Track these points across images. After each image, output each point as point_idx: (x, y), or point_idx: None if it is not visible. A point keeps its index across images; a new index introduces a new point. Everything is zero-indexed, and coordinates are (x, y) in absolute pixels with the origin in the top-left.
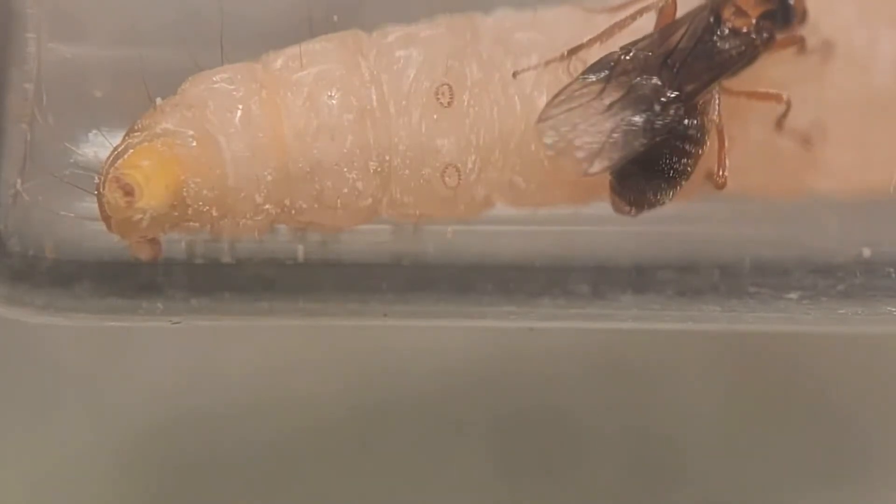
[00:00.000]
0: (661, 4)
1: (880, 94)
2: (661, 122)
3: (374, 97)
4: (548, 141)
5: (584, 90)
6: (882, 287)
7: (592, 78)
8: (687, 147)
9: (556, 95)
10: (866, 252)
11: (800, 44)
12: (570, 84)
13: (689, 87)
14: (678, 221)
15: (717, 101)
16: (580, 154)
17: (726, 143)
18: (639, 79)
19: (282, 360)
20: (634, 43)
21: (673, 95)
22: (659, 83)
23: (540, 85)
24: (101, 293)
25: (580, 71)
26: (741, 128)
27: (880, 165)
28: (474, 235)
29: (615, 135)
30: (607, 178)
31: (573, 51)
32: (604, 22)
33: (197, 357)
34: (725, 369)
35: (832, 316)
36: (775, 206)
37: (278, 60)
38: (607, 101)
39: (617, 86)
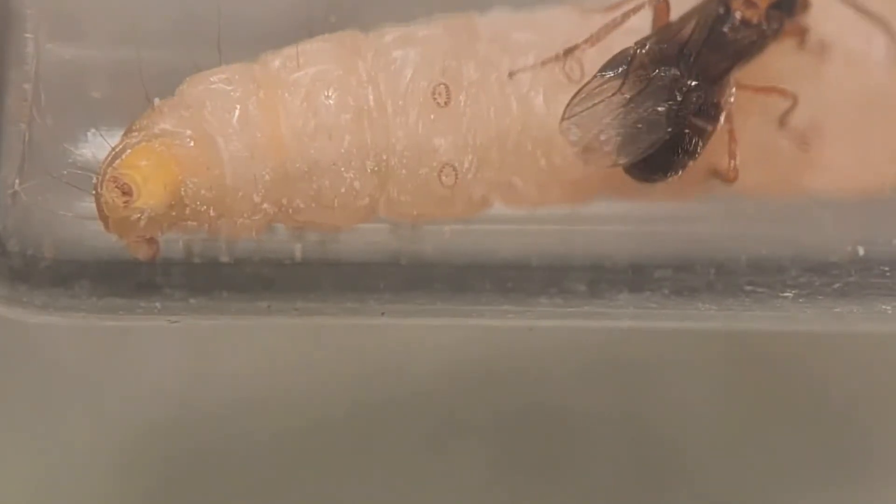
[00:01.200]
0: (655, 3)
1: (877, 94)
2: (684, 111)
3: (372, 97)
4: (573, 138)
5: (604, 86)
6: (877, 285)
7: (610, 74)
8: (700, 125)
9: (577, 94)
10: (861, 250)
11: (803, 34)
12: (588, 82)
13: (707, 76)
14: (674, 220)
15: (732, 86)
16: (607, 147)
17: (736, 135)
18: (657, 71)
19: (280, 359)
20: (647, 37)
21: (694, 84)
22: (678, 73)
23: (537, 85)
24: (99, 293)
25: (576, 71)
26: (738, 126)
27: (876, 164)
28: (472, 234)
29: (640, 126)
30: (607, 175)
31: (569, 51)
32: (601, 22)
33: (195, 356)
34: (722, 367)
35: (828, 314)
36: (771, 204)
37: (276, 61)
38: (628, 95)
39: (636, 79)
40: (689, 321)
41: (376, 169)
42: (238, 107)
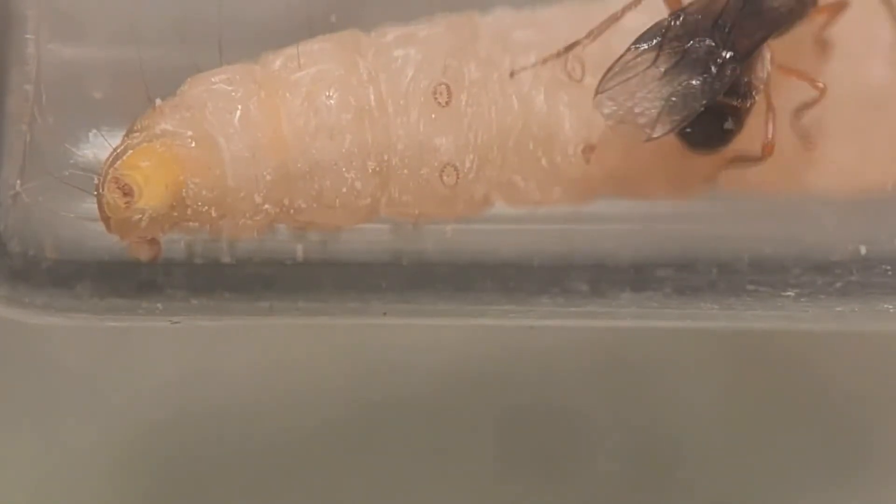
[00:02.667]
0: None
1: (878, 92)
2: (719, 83)
3: (373, 97)
4: (607, 111)
5: (638, 59)
6: (879, 284)
7: (644, 46)
8: (737, 104)
9: (611, 68)
10: (863, 249)
11: (840, 11)
12: (622, 55)
13: (742, 47)
14: (676, 219)
15: (766, 59)
16: (641, 120)
17: (775, 107)
18: (692, 42)
19: (282, 359)
20: (682, 8)
21: (728, 56)
22: (713, 44)
23: (538, 84)
24: (100, 293)
25: (578, 70)
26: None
27: (878, 163)
28: (473, 234)
29: (674, 99)
30: (608, 176)
31: (570, 47)
32: (602, 17)
33: (197, 357)
34: (724, 367)
35: (830, 313)
36: (773, 203)
37: (277, 61)
38: (663, 68)
39: (671, 52)
40: (691, 320)
41: (377, 169)
42: (239, 107)
